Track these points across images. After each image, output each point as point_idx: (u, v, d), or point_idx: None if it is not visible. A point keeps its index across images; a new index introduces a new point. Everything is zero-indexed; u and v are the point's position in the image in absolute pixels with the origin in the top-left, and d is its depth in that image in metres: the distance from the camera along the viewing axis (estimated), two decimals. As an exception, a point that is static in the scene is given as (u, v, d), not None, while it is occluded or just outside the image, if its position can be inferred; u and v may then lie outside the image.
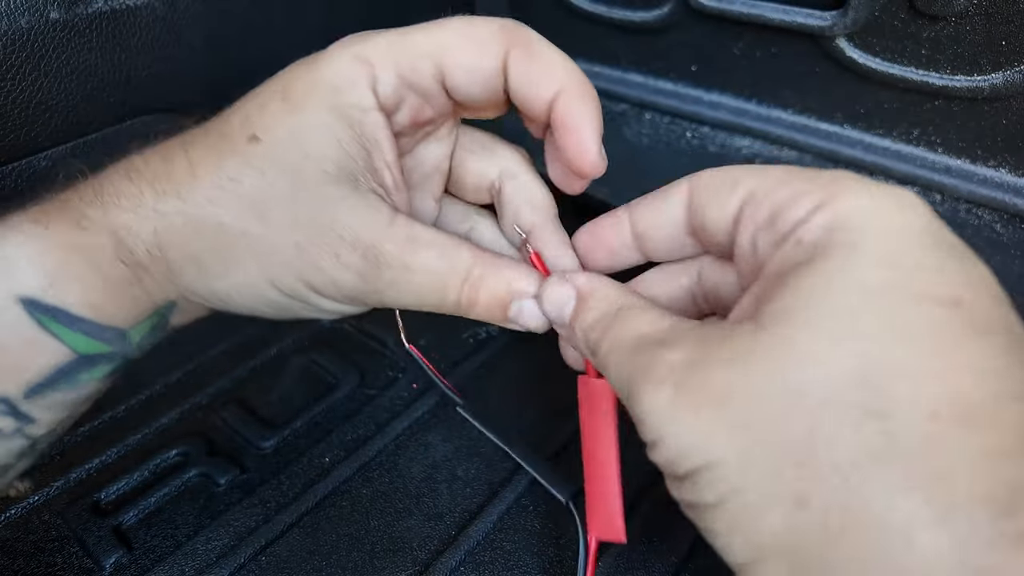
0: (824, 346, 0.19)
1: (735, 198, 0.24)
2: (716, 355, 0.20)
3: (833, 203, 0.21)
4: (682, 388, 0.20)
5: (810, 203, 0.21)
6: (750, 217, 0.24)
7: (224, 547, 0.36)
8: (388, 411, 0.44)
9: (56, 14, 0.41)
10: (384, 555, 0.36)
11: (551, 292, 0.28)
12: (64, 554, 0.36)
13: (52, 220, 0.27)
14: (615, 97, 0.64)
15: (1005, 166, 0.46)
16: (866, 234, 0.20)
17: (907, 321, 0.18)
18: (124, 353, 0.30)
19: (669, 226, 0.28)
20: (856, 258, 0.19)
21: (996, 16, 0.40)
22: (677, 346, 0.22)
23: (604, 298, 0.27)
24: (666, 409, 0.20)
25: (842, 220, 0.20)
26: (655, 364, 0.21)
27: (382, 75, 0.28)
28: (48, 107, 0.42)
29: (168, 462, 0.41)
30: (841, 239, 0.20)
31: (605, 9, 0.60)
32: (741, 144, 0.57)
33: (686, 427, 0.20)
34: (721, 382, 0.20)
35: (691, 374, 0.20)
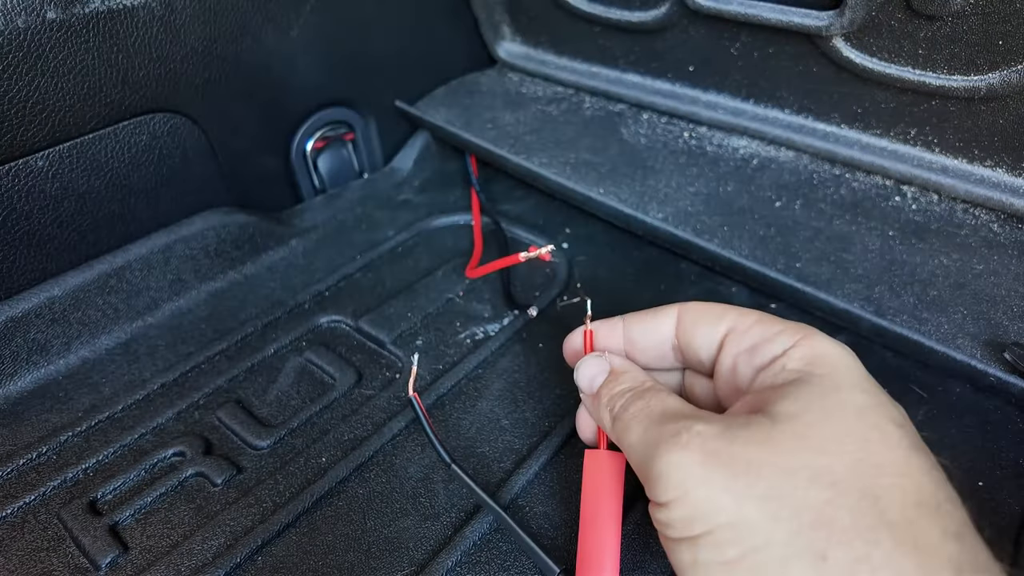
0: (831, 443, 0.24)
1: (720, 329, 0.31)
2: (741, 435, 0.25)
3: (807, 343, 0.28)
4: (712, 456, 0.24)
5: (787, 341, 0.29)
6: (734, 344, 0.31)
7: (220, 547, 0.36)
8: (385, 411, 0.44)
9: (53, 14, 0.41)
10: (380, 555, 0.36)
11: (588, 365, 0.34)
12: (60, 553, 0.36)
13: None
14: (613, 97, 0.64)
15: (1002, 166, 0.46)
16: (838, 369, 0.27)
17: (883, 434, 0.25)
18: None
19: (658, 341, 0.34)
20: (838, 384, 0.27)
21: (993, 16, 0.40)
22: (704, 422, 0.26)
23: (634, 378, 0.32)
24: (695, 470, 0.24)
25: (819, 356, 0.28)
26: (684, 432, 0.26)
27: None
28: (45, 107, 0.42)
29: (165, 462, 0.41)
30: (821, 370, 0.27)
31: (603, 9, 0.60)
32: (738, 144, 0.57)
33: (716, 488, 0.24)
34: (750, 456, 0.24)
35: (720, 445, 0.25)
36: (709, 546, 0.24)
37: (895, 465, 0.24)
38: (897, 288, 0.43)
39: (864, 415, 0.26)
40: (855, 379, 0.27)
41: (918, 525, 0.23)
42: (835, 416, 0.25)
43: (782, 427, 0.25)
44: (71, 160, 0.45)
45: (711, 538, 0.23)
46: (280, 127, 0.58)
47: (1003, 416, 0.39)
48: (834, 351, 0.28)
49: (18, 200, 0.44)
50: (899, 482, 0.24)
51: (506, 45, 0.71)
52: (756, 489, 0.23)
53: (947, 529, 0.23)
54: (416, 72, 0.68)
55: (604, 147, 0.59)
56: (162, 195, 0.51)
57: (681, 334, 0.33)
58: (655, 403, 0.29)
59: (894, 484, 0.24)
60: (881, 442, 0.25)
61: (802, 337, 0.29)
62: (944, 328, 0.41)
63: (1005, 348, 0.38)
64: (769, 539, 0.23)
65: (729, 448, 0.24)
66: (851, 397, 0.26)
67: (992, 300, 0.42)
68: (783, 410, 0.26)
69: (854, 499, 0.23)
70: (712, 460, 0.24)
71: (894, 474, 0.24)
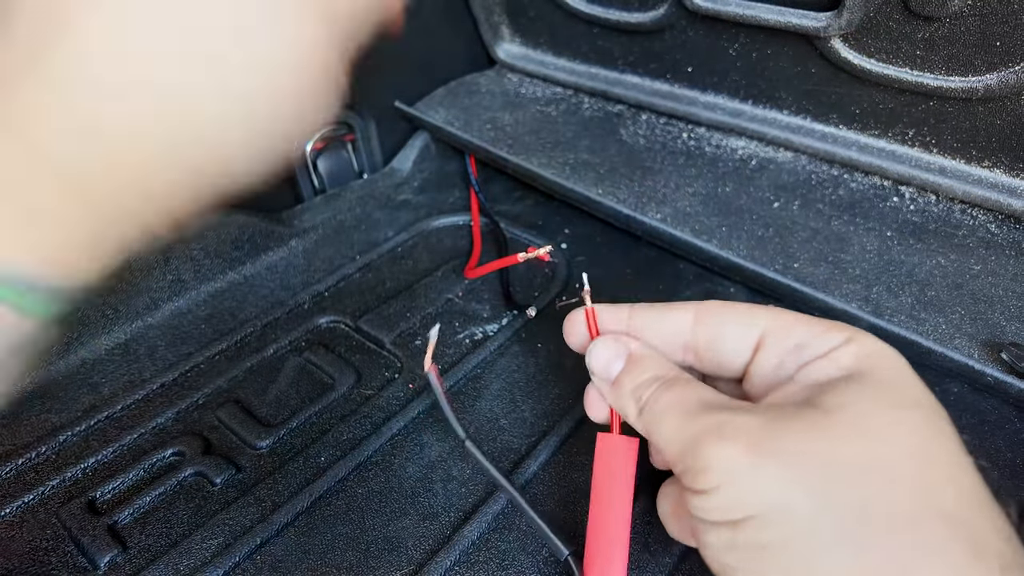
0: (885, 434, 0.24)
1: (756, 330, 0.30)
2: (790, 426, 0.25)
3: (858, 340, 0.28)
4: (758, 446, 0.24)
5: (837, 339, 0.28)
6: (776, 344, 0.29)
7: (219, 546, 0.36)
8: (384, 411, 0.44)
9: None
10: (379, 554, 0.36)
11: (603, 347, 0.32)
12: (59, 553, 0.36)
13: None
14: (612, 98, 0.64)
15: (1000, 167, 0.46)
16: (890, 366, 0.27)
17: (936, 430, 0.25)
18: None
19: (669, 337, 0.32)
20: (892, 380, 0.26)
21: (990, 17, 0.40)
22: (747, 413, 0.26)
23: (657, 365, 0.31)
24: (742, 460, 0.24)
25: (870, 354, 0.27)
26: (728, 424, 0.25)
27: None
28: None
29: (164, 461, 0.41)
30: (873, 367, 0.27)
31: (601, 10, 0.60)
32: (737, 145, 0.57)
33: (764, 478, 0.24)
34: (799, 446, 0.24)
35: (767, 435, 0.24)
36: (750, 529, 0.24)
37: (949, 460, 0.24)
38: (895, 288, 0.43)
39: (917, 410, 0.25)
40: (907, 377, 0.27)
41: (972, 520, 0.23)
42: (888, 409, 0.25)
43: (833, 418, 0.25)
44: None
45: (753, 522, 0.23)
46: (279, 127, 0.58)
47: (1000, 416, 0.39)
48: (886, 350, 0.28)
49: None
50: (954, 475, 0.24)
51: (505, 46, 0.71)
52: (805, 478, 0.23)
53: (998, 527, 0.23)
54: (415, 73, 0.68)
55: (603, 147, 0.59)
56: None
57: (704, 334, 0.31)
58: (689, 394, 0.28)
59: (950, 477, 0.24)
60: (934, 438, 0.25)
61: (853, 335, 0.28)
62: (942, 328, 0.41)
63: (1002, 348, 0.38)
64: (814, 526, 0.23)
65: (777, 438, 0.24)
66: (904, 392, 0.26)
67: (990, 300, 0.42)
68: (834, 402, 0.25)
69: (907, 489, 0.23)
70: (759, 450, 0.24)
71: (949, 467, 0.24)
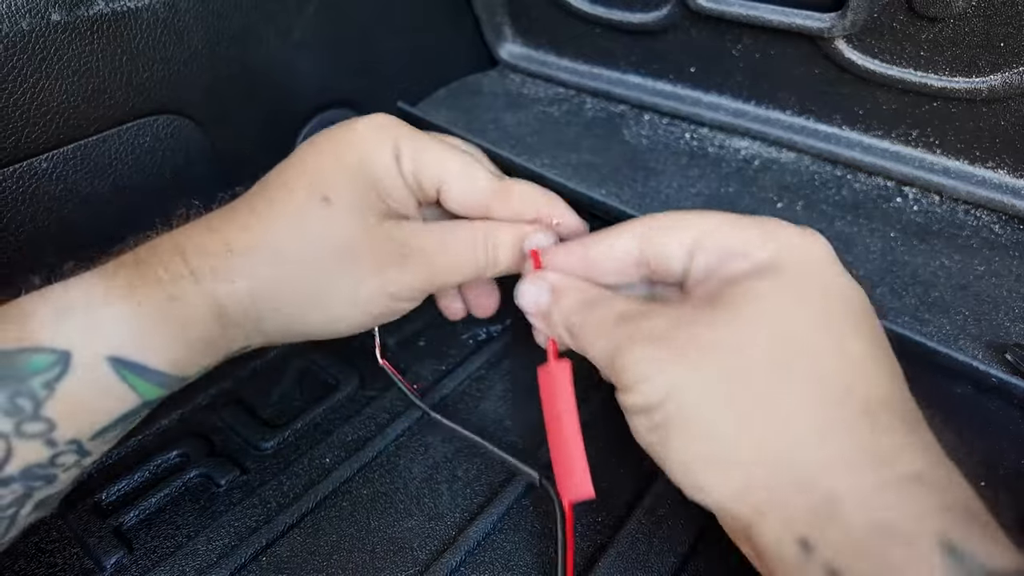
0: (761, 320, 0.27)
1: (688, 235, 0.32)
2: (687, 320, 0.28)
3: (777, 237, 0.30)
4: (660, 342, 0.28)
5: (758, 238, 0.30)
6: (705, 248, 0.31)
7: (224, 547, 0.36)
8: (388, 412, 0.44)
9: (57, 16, 0.41)
10: (384, 556, 0.36)
11: (527, 289, 0.35)
12: (65, 555, 0.36)
13: (140, 291, 0.31)
14: (614, 98, 0.64)
15: (1003, 167, 0.46)
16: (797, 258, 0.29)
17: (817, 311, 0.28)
18: (175, 388, 0.34)
19: (621, 256, 0.34)
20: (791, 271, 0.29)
21: (994, 17, 0.40)
22: (654, 317, 0.29)
23: (577, 290, 0.34)
24: (649, 358, 0.28)
25: (782, 247, 0.29)
26: (639, 330, 0.29)
27: (404, 153, 0.36)
28: (49, 109, 0.43)
29: (169, 463, 0.41)
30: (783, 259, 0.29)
31: (604, 10, 0.60)
32: (740, 145, 0.57)
33: (664, 369, 0.27)
34: (689, 337, 0.28)
35: (669, 334, 0.28)
36: (659, 413, 0.27)
37: (827, 335, 0.27)
38: (898, 289, 0.43)
39: (809, 296, 0.28)
40: (812, 266, 0.29)
41: (841, 382, 0.26)
42: (778, 297, 0.28)
43: (725, 311, 0.28)
44: (74, 162, 0.45)
45: (661, 407, 0.27)
46: (283, 128, 0.58)
47: (1005, 417, 0.39)
48: (799, 242, 0.30)
49: (21, 202, 0.44)
50: (828, 348, 0.27)
51: (508, 46, 0.71)
52: (695, 365, 0.27)
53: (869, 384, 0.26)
54: (418, 73, 0.68)
55: (606, 148, 0.59)
56: (165, 197, 0.51)
57: (648, 247, 0.33)
58: (608, 311, 0.31)
59: (823, 349, 0.27)
60: (820, 317, 0.27)
61: (774, 232, 0.30)
62: (946, 329, 0.41)
63: (1007, 349, 0.38)
64: (702, 403, 0.27)
65: (676, 334, 0.28)
66: (799, 282, 0.28)
67: (994, 301, 0.42)
68: (728, 295, 0.29)
69: (781, 363, 0.26)
70: (662, 346, 0.28)
71: (826, 341, 0.27)
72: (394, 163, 0.36)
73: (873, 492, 0.24)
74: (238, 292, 0.33)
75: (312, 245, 0.34)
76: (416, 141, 0.37)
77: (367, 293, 0.35)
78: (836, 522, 0.24)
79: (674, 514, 0.36)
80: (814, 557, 0.24)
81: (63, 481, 0.31)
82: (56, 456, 0.30)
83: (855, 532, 0.23)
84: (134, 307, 0.31)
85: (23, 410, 0.28)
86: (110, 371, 0.30)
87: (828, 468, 0.24)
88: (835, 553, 0.23)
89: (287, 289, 0.34)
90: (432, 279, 0.36)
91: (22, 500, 0.30)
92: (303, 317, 0.35)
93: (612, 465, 0.39)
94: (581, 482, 0.32)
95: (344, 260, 0.34)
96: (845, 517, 0.23)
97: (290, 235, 0.33)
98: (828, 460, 0.25)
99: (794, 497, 0.25)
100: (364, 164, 0.35)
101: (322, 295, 0.34)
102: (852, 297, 0.29)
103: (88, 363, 0.29)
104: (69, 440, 0.30)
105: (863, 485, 0.24)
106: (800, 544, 0.24)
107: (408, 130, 0.37)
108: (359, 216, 0.34)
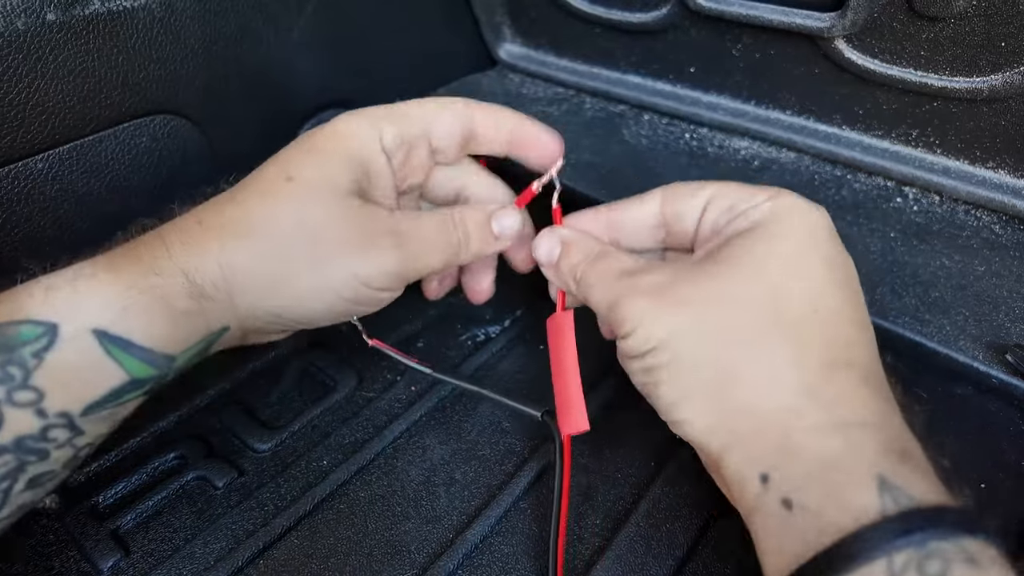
0: (753, 276, 0.30)
1: (703, 195, 0.35)
2: (686, 276, 0.31)
3: (777, 199, 0.32)
4: (658, 296, 0.31)
5: (760, 198, 0.32)
6: (714, 207, 0.34)
7: (222, 550, 0.36)
8: (386, 414, 0.43)
9: (53, 16, 0.41)
10: (382, 558, 0.36)
11: (542, 242, 0.38)
12: (61, 558, 0.36)
13: (123, 269, 0.33)
14: (614, 98, 0.64)
15: (1004, 167, 0.46)
16: (793, 220, 0.31)
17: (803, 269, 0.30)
18: (165, 375, 0.34)
19: (643, 219, 0.37)
20: (784, 232, 0.31)
21: (995, 17, 0.40)
22: (654, 273, 0.32)
23: (585, 245, 0.37)
24: (646, 308, 0.30)
25: (780, 209, 0.32)
26: (638, 284, 0.32)
27: (387, 129, 0.38)
28: (45, 109, 0.42)
29: (166, 465, 0.41)
30: (776, 220, 0.31)
31: (604, 10, 0.60)
32: (739, 145, 0.57)
33: (658, 318, 0.30)
34: (685, 292, 0.30)
35: (667, 288, 0.31)
36: (651, 357, 0.30)
37: (804, 290, 0.29)
38: (899, 289, 0.43)
39: (796, 256, 0.30)
40: (804, 229, 0.31)
41: (807, 333, 0.29)
42: (768, 255, 0.30)
43: (719, 266, 0.31)
44: (71, 162, 0.45)
45: (654, 352, 0.30)
46: (281, 129, 0.58)
47: (1005, 418, 0.39)
48: (798, 206, 0.32)
49: (17, 202, 0.43)
50: (802, 303, 0.29)
51: (507, 46, 0.71)
52: (687, 314, 0.30)
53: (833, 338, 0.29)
54: (417, 73, 0.68)
55: (605, 148, 0.59)
56: (162, 197, 0.51)
57: (667, 209, 0.36)
58: (611, 264, 0.34)
59: (797, 303, 0.29)
60: (800, 275, 0.30)
61: (776, 194, 0.32)
62: (946, 330, 0.41)
63: (1007, 350, 0.38)
64: (687, 348, 0.29)
65: (673, 288, 0.31)
66: (791, 241, 0.31)
67: (994, 302, 0.42)
68: (725, 253, 0.31)
69: (757, 314, 0.29)
70: (658, 298, 0.31)
71: (800, 296, 0.29)
72: (377, 143, 0.38)
73: (822, 435, 0.27)
74: (208, 264, 0.34)
75: (276, 220, 0.35)
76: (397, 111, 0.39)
77: (335, 274, 0.35)
78: (791, 459, 0.27)
79: (672, 518, 0.36)
80: (771, 488, 0.27)
81: (56, 460, 0.31)
82: (47, 429, 0.30)
83: (806, 467, 0.26)
84: (116, 282, 0.32)
85: (13, 378, 0.29)
86: (95, 344, 0.31)
87: (787, 413, 0.27)
88: (789, 486, 0.26)
89: (256, 262, 0.34)
90: (404, 264, 0.37)
91: (15, 474, 0.30)
92: (273, 293, 0.35)
93: (609, 470, 0.39)
94: (578, 417, 0.36)
95: (306, 237, 0.35)
96: (798, 455, 0.27)
97: (256, 210, 0.35)
98: (787, 407, 0.27)
99: (755, 437, 0.28)
100: (340, 146, 0.37)
101: (289, 274, 0.35)
102: (841, 265, 0.31)
103: (74, 335, 0.31)
104: (59, 412, 0.30)
105: (815, 429, 0.27)
106: (760, 478, 0.27)
107: (388, 109, 0.39)
108: (323, 195, 0.35)
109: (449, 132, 0.40)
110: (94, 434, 0.33)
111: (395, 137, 0.38)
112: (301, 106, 0.59)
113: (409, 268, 0.37)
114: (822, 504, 0.25)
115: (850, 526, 0.24)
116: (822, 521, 0.25)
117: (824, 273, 0.30)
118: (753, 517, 0.28)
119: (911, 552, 0.23)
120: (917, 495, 0.24)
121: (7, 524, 0.32)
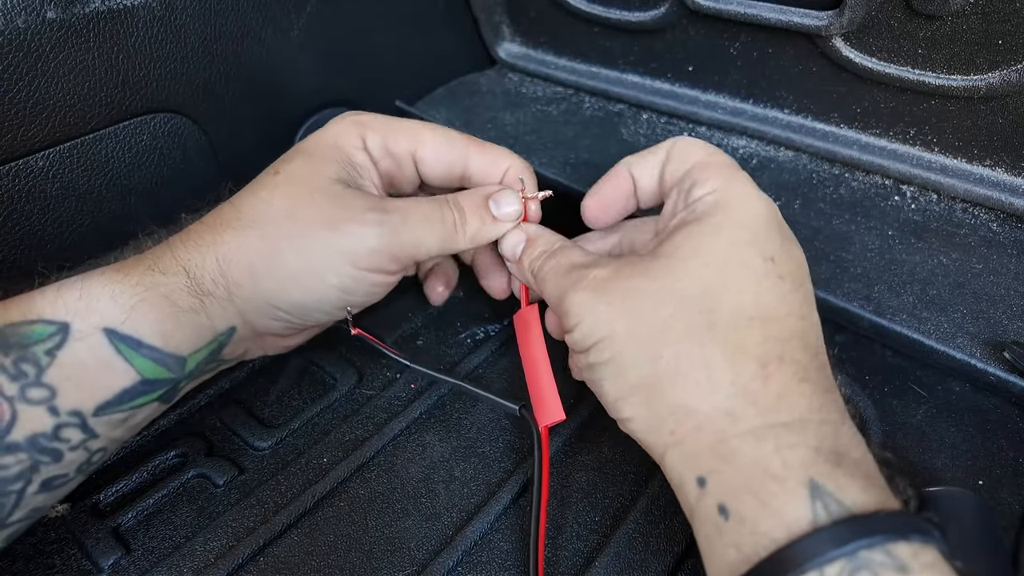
0: (692, 271, 0.30)
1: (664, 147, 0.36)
2: (625, 272, 0.31)
3: (725, 187, 0.32)
4: (600, 290, 0.31)
5: (711, 185, 0.32)
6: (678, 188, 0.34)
7: (222, 548, 0.36)
8: (386, 411, 0.44)
9: (53, 14, 0.41)
10: (382, 555, 0.36)
11: (509, 237, 0.40)
12: (63, 556, 0.36)
13: (130, 269, 0.34)
14: (612, 97, 0.64)
15: (1001, 165, 0.46)
16: (738, 212, 0.31)
17: (742, 264, 0.30)
18: (178, 379, 0.35)
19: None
20: (728, 223, 0.31)
21: (992, 15, 0.40)
22: (599, 268, 0.32)
23: (545, 241, 0.38)
24: (588, 302, 0.31)
25: (726, 200, 0.32)
26: (583, 278, 0.32)
27: (371, 136, 0.39)
28: (45, 107, 0.42)
29: (166, 463, 0.41)
30: (722, 211, 0.31)
31: (602, 9, 0.60)
32: (738, 144, 0.57)
33: (599, 313, 0.31)
34: (626, 286, 0.31)
35: (609, 282, 0.31)
36: (595, 352, 0.31)
37: (740, 286, 0.29)
38: (896, 287, 0.43)
39: (734, 249, 0.30)
40: (745, 222, 0.31)
41: (742, 331, 0.28)
42: (706, 250, 0.30)
43: (659, 261, 0.31)
44: (71, 160, 0.45)
45: (597, 346, 0.30)
46: (281, 127, 0.58)
47: (1003, 415, 0.40)
48: (743, 197, 0.32)
49: (18, 200, 0.43)
50: (738, 299, 0.29)
51: (506, 45, 0.71)
52: (625, 309, 0.30)
53: (769, 335, 0.28)
54: (416, 72, 0.68)
55: (604, 147, 0.59)
56: (163, 195, 0.51)
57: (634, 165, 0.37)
58: (563, 259, 0.35)
59: (733, 300, 0.29)
60: (737, 270, 0.30)
61: (724, 181, 0.32)
62: (944, 327, 0.41)
63: (1005, 347, 0.38)
64: (626, 345, 0.30)
65: (614, 282, 0.31)
66: (730, 234, 0.30)
67: (991, 299, 0.42)
68: (667, 247, 0.31)
69: (693, 313, 0.29)
70: (600, 293, 0.31)
71: (736, 292, 0.29)
72: (359, 142, 0.39)
73: (756, 439, 0.26)
74: (207, 259, 0.35)
75: (263, 210, 0.36)
76: (384, 121, 0.40)
77: (318, 255, 0.35)
78: (725, 464, 0.27)
79: (671, 514, 0.36)
80: (708, 493, 0.27)
81: (70, 463, 0.32)
82: (60, 427, 0.31)
83: (740, 472, 0.26)
84: (125, 282, 0.33)
85: (26, 375, 0.30)
86: (106, 342, 0.32)
87: (722, 417, 0.27)
88: (724, 491, 0.26)
89: (245, 251, 0.35)
90: (388, 239, 0.36)
91: (28, 474, 0.30)
92: (262, 278, 0.35)
93: (608, 468, 0.39)
94: (553, 408, 0.36)
95: (289, 219, 0.35)
96: (732, 461, 0.26)
97: (247, 205, 0.36)
98: (723, 409, 0.27)
99: (693, 439, 0.28)
100: (325, 143, 0.38)
101: (274, 258, 0.35)
102: (782, 257, 0.30)
103: (85, 334, 0.31)
104: (71, 410, 0.31)
105: (748, 431, 0.27)
106: (698, 481, 0.27)
107: (375, 116, 0.40)
108: (307, 183, 0.36)
109: (436, 159, 0.40)
110: (107, 438, 0.33)
111: (378, 146, 0.39)
112: (301, 105, 0.59)
113: (394, 245, 0.36)
114: (756, 514, 0.25)
115: (783, 538, 0.24)
116: (756, 532, 0.25)
117: (762, 267, 0.30)
118: (693, 522, 0.28)
119: (843, 563, 0.22)
120: (849, 501, 0.24)
121: (21, 528, 0.32)
